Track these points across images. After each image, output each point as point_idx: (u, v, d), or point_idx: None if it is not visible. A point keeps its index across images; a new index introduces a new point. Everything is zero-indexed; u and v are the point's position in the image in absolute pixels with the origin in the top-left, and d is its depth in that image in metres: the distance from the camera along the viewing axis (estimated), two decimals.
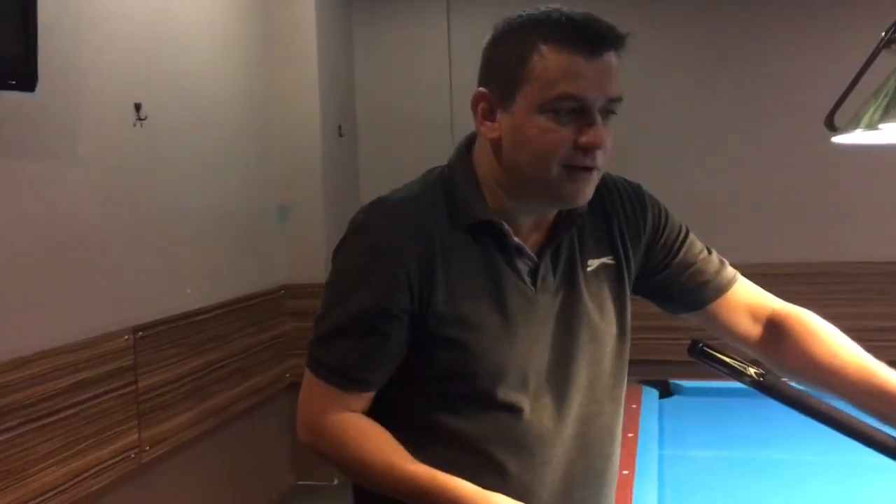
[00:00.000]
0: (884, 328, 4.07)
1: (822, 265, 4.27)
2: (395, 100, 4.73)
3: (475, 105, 1.29)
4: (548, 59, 1.20)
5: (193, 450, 3.48)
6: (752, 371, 1.30)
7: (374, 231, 1.30)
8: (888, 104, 2.00)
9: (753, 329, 1.46)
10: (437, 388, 1.31)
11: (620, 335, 1.40)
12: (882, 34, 2.10)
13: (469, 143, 1.36)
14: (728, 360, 1.31)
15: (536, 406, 1.32)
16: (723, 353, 1.32)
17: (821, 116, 2.30)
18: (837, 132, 2.20)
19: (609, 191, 1.42)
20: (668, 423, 2.55)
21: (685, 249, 1.45)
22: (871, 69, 2.21)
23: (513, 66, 1.23)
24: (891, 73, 2.02)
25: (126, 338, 3.00)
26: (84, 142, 2.84)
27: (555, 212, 1.34)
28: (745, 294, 1.47)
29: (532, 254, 1.33)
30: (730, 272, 1.48)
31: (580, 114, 1.21)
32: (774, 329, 1.44)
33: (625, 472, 2.02)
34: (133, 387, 3.03)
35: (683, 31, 4.48)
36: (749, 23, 4.37)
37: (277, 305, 4.25)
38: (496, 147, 1.29)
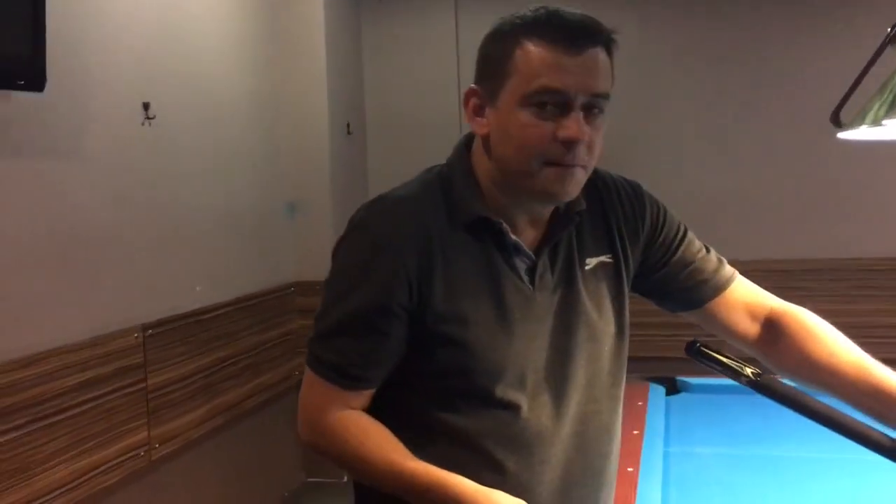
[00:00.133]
0: (892, 324, 4.07)
1: (830, 262, 4.25)
2: (404, 98, 4.74)
3: (466, 102, 1.31)
4: (530, 53, 1.21)
5: (203, 447, 3.49)
6: (749, 371, 1.31)
7: (374, 229, 1.30)
8: (893, 100, 1.99)
9: (751, 328, 1.46)
10: (436, 386, 1.32)
11: (619, 334, 1.41)
12: (888, 29, 2.09)
13: (468, 142, 1.37)
14: (725, 360, 1.32)
15: (534, 404, 1.32)
16: (720, 353, 1.33)
17: (827, 112, 2.30)
18: (843, 128, 2.19)
19: (608, 189, 1.42)
20: (675, 421, 2.55)
21: (683, 248, 1.46)
22: (877, 64, 2.20)
23: (498, 62, 1.24)
24: None
25: (135, 335, 3.01)
26: (93, 141, 2.85)
27: (551, 210, 1.35)
28: (743, 293, 1.47)
29: (530, 252, 1.33)
30: (728, 271, 1.48)
31: (563, 109, 1.21)
32: (772, 327, 1.45)
33: (629, 469, 2.02)
34: (142, 384, 3.04)
35: (687, 29, 4.46)
36: (754, 19, 4.35)
37: (286, 303, 4.25)
38: (486, 143, 1.30)
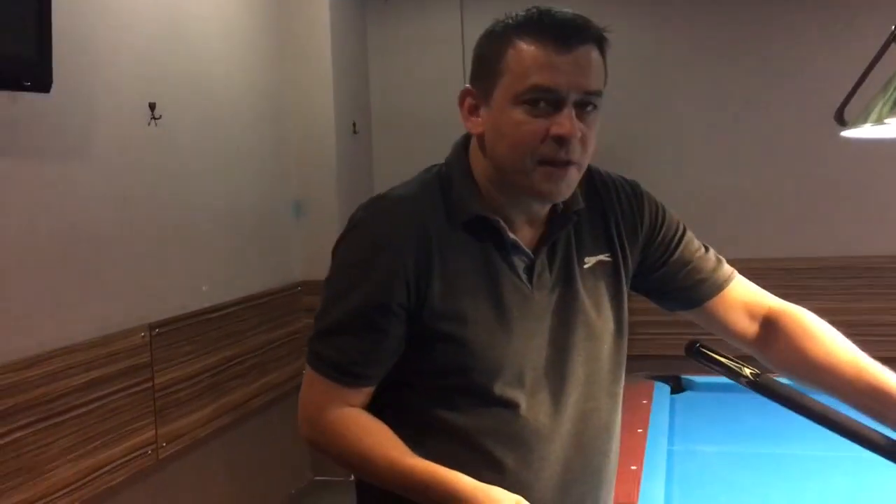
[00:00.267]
0: (894, 322, 4.05)
1: (833, 260, 4.23)
2: (409, 97, 4.75)
3: (461, 101, 1.33)
4: (521, 52, 1.23)
5: (210, 446, 3.51)
6: (748, 371, 1.32)
7: (373, 228, 1.31)
8: None
9: (750, 327, 1.46)
10: (435, 384, 1.32)
11: (618, 332, 1.41)
12: (892, 28, 2.09)
13: (466, 142, 1.38)
14: (724, 361, 1.34)
15: (533, 402, 1.33)
16: (719, 354, 1.35)
17: (830, 111, 2.30)
18: (846, 127, 2.19)
19: (606, 188, 1.43)
20: (679, 419, 2.55)
21: (682, 247, 1.46)
22: (881, 63, 2.20)
23: (491, 62, 1.26)
24: None
25: (142, 335, 3.03)
26: (99, 141, 2.87)
27: (548, 208, 1.36)
28: (742, 292, 1.48)
29: (528, 251, 1.34)
30: (727, 270, 1.48)
31: (555, 107, 1.22)
32: (770, 327, 1.45)
33: (633, 467, 2.03)
34: (149, 383, 3.06)
35: (690, 28, 4.45)
36: (757, 17, 4.34)
37: (293, 302, 4.27)
38: (481, 142, 1.32)
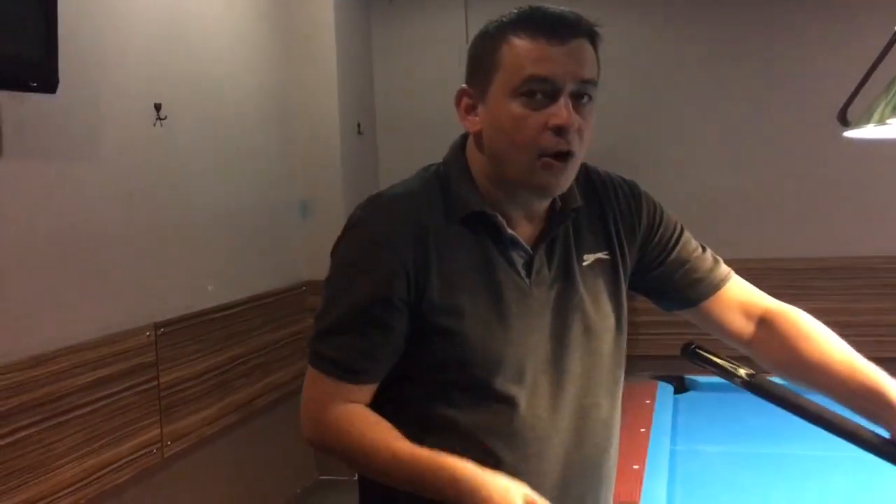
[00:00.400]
0: None
1: (836, 260, 4.22)
2: (414, 97, 4.76)
3: (458, 101, 1.35)
4: (515, 47, 1.26)
5: (215, 445, 3.52)
6: (743, 371, 1.34)
7: (372, 226, 1.33)
8: None
9: (746, 327, 1.47)
10: (435, 378, 1.33)
11: (617, 329, 1.42)
12: (895, 28, 2.09)
13: (464, 141, 1.40)
14: (719, 361, 1.36)
15: (532, 398, 1.34)
16: (715, 355, 1.37)
17: (834, 111, 2.30)
18: (849, 127, 2.19)
19: (605, 187, 1.45)
20: (682, 419, 2.56)
21: (680, 247, 1.47)
22: (884, 63, 2.20)
23: (486, 60, 1.29)
24: None
25: (148, 334, 3.04)
26: (105, 142, 2.88)
27: (547, 206, 1.37)
28: (738, 292, 1.49)
29: (527, 246, 1.36)
30: (723, 270, 1.49)
31: (552, 98, 1.25)
32: (765, 327, 1.46)
33: (635, 467, 2.03)
34: (155, 383, 3.07)
35: (693, 29, 4.46)
36: (761, 18, 4.34)
37: (298, 302, 4.28)
38: (478, 140, 1.34)
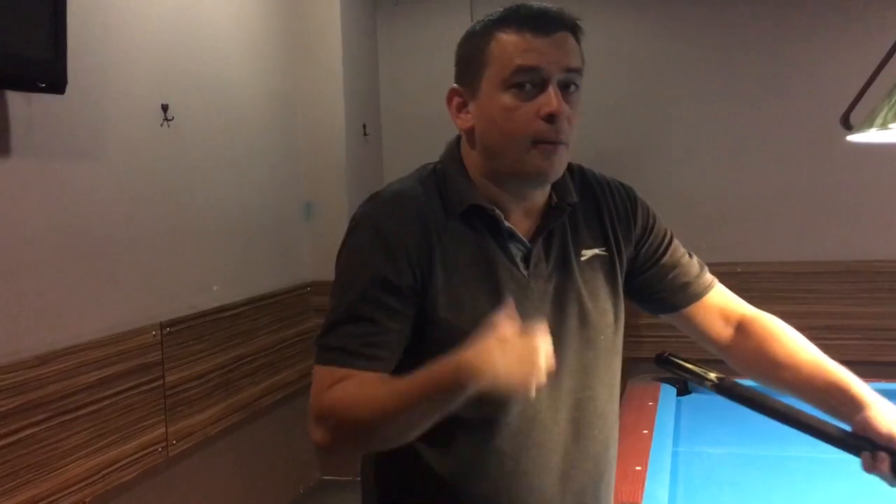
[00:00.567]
0: None
1: (842, 264, 4.20)
2: (419, 100, 4.75)
3: (449, 101, 1.40)
4: (502, 42, 1.31)
5: (220, 444, 3.54)
6: (713, 375, 1.43)
7: (374, 221, 1.35)
8: None
9: (724, 331, 1.54)
10: None
11: (615, 323, 1.46)
12: None
13: (458, 141, 1.45)
14: (691, 367, 1.46)
15: None
16: (686, 361, 1.47)
17: (838, 115, 2.31)
18: (852, 131, 2.20)
19: (601, 188, 1.50)
20: (685, 421, 2.57)
21: (670, 252, 1.53)
22: (887, 68, 2.21)
23: (475, 58, 1.34)
24: None
25: (154, 333, 3.06)
26: (112, 142, 2.90)
27: (544, 199, 1.41)
28: (720, 299, 1.56)
29: (525, 239, 1.39)
30: (708, 277, 1.56)
31: (540, 88, 1.29)
32: (741, 331, 1.53)
33: (637, 468, 2.05)
34: (160, 382, 3.09)
35: (697, 32, 4.45)
36: (766, 22, 4.34)
37: (303, 302, 4.30)
38: (470, 136, 1.39)
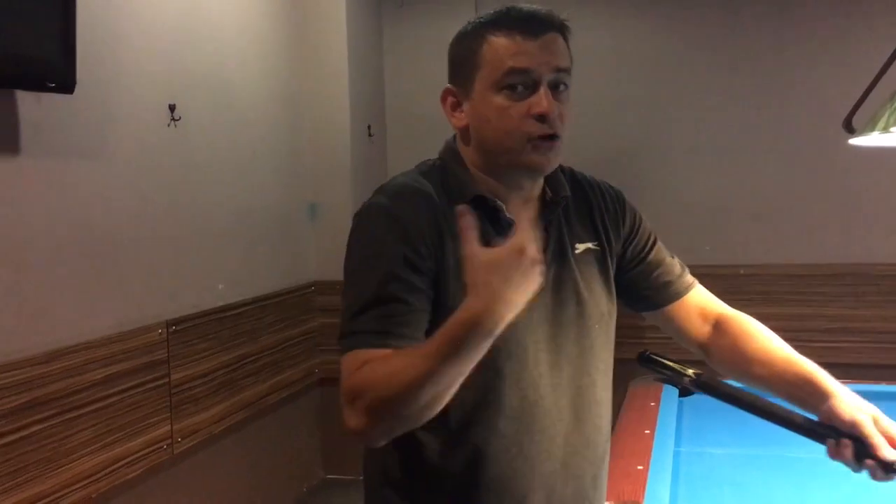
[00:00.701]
0: None
1: (848, 266, 4.20)
2: (424, 100, 4.73)
3: (443, 100, 1.45)
4: (494, 45, 1.36)
5: (224, 442, 3.56)
6: (691, 371, 1.52)
7: (387, 209, 1.37)
8: None
9: (702, 329, 1.60)
10: None
11: (609, 314, 1.52)
12: None
13: (456, 138, 1.49)
14: (671, 364, 1.55)
15: (533, 376, 1.40)
16: (666, 358, 1.56)
17: (841, 118, 2.33)
18: (855, 134, 2.22)
19: (592, 188, 1.57)
20: (687, 421, 2.58)
21: (655, 251, 1.60)
22: (889, 72, 2.23)
23: (468, 59, 1.39)
24: None
25: (160, 332, 3.08)
26: (120, 142, 2.93)
27: (538, 192, 1.47)
28: (699, 299, 1.62)
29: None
30: (689, 278, 1.63)
31: (532, 88, 1.35)
32: (718, 329, 1.59)
33: (639, 467, 2.07)
34: (166, 379, 3.11)
35: (699, 36, 4.45)
36: (768, 26, 4.34)
37: (307, 302, 4.32)
38: (465, 134, 1.44)
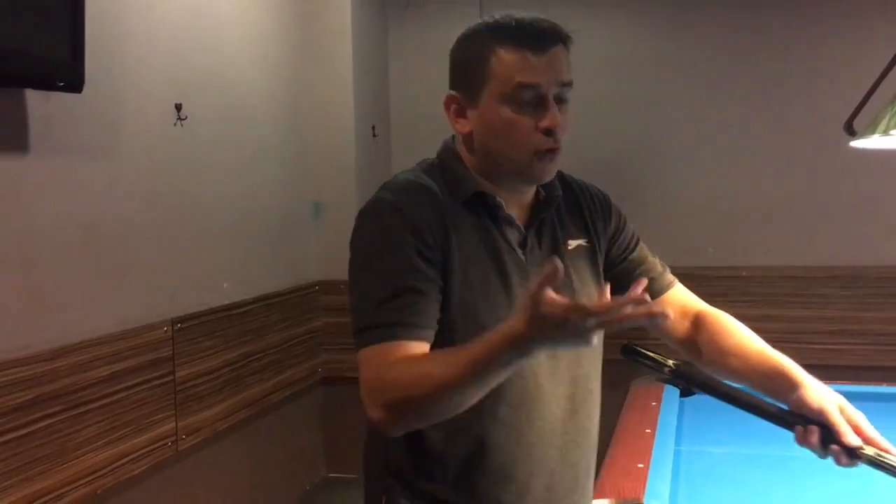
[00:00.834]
0: None
1: (850, 269, 4.18)
2: (429, 101, 4.72)
3: (447, 107, 1.50)
4: (503, 59, 1.40)
5: (228, 440, 3.57)
6: (671, 362, 1.58)
7: (395, 205, 1.43)
8: None
9: (681, 325, 1.66)
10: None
11: None
12: None
13: (454, 138, 1.55)
14: (653, 355, 1.60)
15: (533, 363, 1.44)
16: (647, 350, 1.61)
17: (843, 121, 2.35)
18: (856, 137, 2.24)
19: (580, 189, 1.64)
20: (688, 421, 2.60)
21: (638, 249, 1.67)
22: (891, 75, 2.25)
23: (476, 70, 1.43)
24: None
25: (165, 329, 3.10)
26: (127, 140, 2.94)
27: (532, 192, 1.53)
28: (680, 296, 1.68)
29: (520, 226, 1.50)
30: (670, 276, 1.70)
31: (538, 102, 1.40)
32: (696, 325, 1.65)
33: (640, 466, 2.08)
34: (170, 377, 3.13)
35: (706, 38, 4.45)
36: (770, 28, 4.34)
37: (311, 301, 4.33)
38: (468, 140, 1.49)
